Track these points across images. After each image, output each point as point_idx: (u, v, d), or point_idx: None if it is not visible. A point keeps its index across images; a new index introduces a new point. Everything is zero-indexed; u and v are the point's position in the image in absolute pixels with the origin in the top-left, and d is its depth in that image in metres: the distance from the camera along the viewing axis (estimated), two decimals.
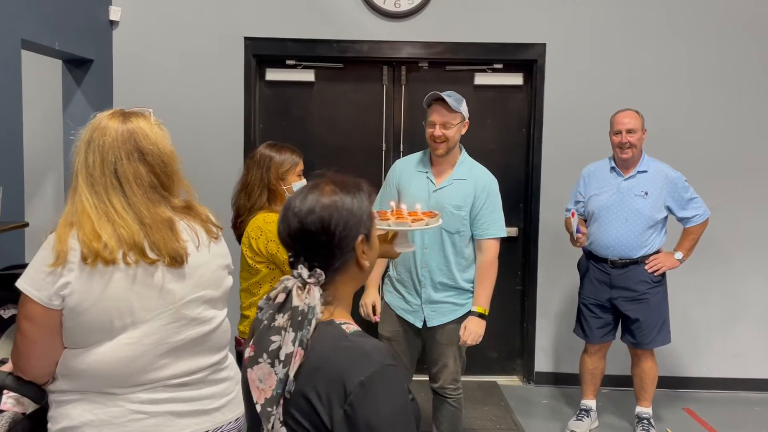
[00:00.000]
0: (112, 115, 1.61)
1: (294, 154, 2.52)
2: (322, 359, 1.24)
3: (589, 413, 3.89)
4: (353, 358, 1.23)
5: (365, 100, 4.58)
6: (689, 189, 3.60)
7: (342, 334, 1.28)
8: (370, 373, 1.20)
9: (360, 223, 1.34)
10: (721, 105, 4.39)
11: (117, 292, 1.51)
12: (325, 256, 1.32)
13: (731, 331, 4.50)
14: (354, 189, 1.37)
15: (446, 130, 2.92)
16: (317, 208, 1.31)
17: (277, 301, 1.29)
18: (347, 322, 1.32)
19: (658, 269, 3.59)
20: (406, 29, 4.39)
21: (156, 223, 1.55)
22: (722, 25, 4.35)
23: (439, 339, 3.01)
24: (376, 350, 1.26)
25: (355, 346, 1.26)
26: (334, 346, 1.25)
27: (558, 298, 4.50)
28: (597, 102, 4.33)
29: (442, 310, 2.99)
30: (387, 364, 1.23)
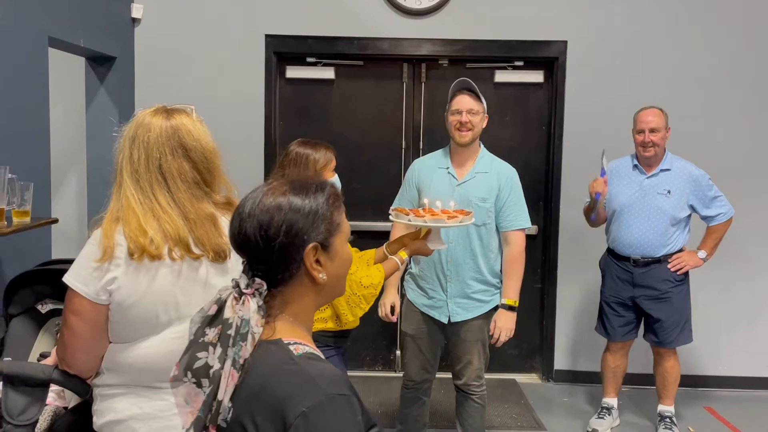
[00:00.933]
0: (156, 112, 1.62)
1: (328, 150, 2.53)
2: (262, 384, 1.08)
3: (611, 411, 3.89)
4: (296, 385, 1.06)
5: (385, 98, 4.58)
6: (713, 187, 3.58)
7: (287, 356, 1.11)
8: (313, 403, 1.04)
9: (311, 228, 1.17)
10: (744, 103, 4.37)
11: (163, 287, 1.52)
12: (266, 265, 1.16)
13: (753, 330, 4.48)
14: (311, 190, 1.20)
15: (473, 117, 2.93)
16: (257, 211, 1.16)
17: (209, 313, 1.14)
18: (299, 342, 1.15)
19: (681, 268, 3.58)
20: (426, 26, 4.39)
21: (200, 219, 1.56)
22: (747, 23, 4.32)
23: (463, 336, 3.01)
24: (324, 377, 1.08)
25: (301, 370, 1.08)
26: (277, 370, 1.09)
27: (577, 296, 4.49)
28: (618, 100, 4.32)
29: (467, 306, 3.00)
30: (336, 393, 1.06)
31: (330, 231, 1.20)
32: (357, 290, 2.34)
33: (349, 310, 2.35)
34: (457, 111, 2.96)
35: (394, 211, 2.49)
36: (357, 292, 2.34)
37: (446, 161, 3.06)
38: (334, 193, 1.23)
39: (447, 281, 2.99)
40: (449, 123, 3.01)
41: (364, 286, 2.34)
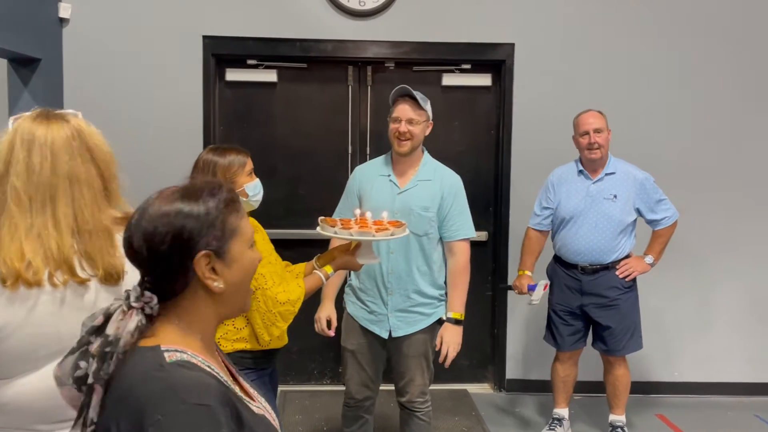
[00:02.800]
0: (46, 116, 1.45)
1: (240, 154, 2.36)
2: (129, 389, 1.05)
3: (562, 422, 3.79)
4: (157, 392, 1.03)
5: (330, 101, 4.43)
6: (658, 190, 3.52)
7: (158, 363, 1.07)
8: (168, 410, 1.01)
9: (201, 235, 1.11)
10: (691, 106, 4.34)
11: (43, 318, 1.35)
12: (155, 276, 1.12)
13: (702, 336, 4.45)
14: (202, 195, 1.14)
15: (412, 127, 2.81)
16: (143, 219, 1.11)
17: (95, 323, 1.11)
18: (178, 350, 1.11)
19: (630, 274, 3.51)
20: (372, 28, 4.26)
21: (96, 232, 1.40)
22: (691, 27, 4.30)
23: (405, 351, 2.88)
24: (187, 385, 1.05)
25: (165, 377, 1.05)
26: (144, 376, 1.06)
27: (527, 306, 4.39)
28: (567, 103, 4.23)
29: (408, 320, 2.86)
30: (195, 403, 1.02)
31: (224, 237, 1.14)
32: (272, 307, 2.17)
33: (264, 328, 2.19)
34: (396, 119, 2.84)
35: (321, 221, 2.33)
36: (272, 309, 2.17)
37: (388, 169, 2.93)
38: (229, 197, 1.16)
39: (388, 294, 2.85)
40: (390, 130, 2.89)
41: (280, 303, 2.17)
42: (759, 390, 4.44)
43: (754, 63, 4.32)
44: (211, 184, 1.17)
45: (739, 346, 4.46)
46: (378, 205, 2.72)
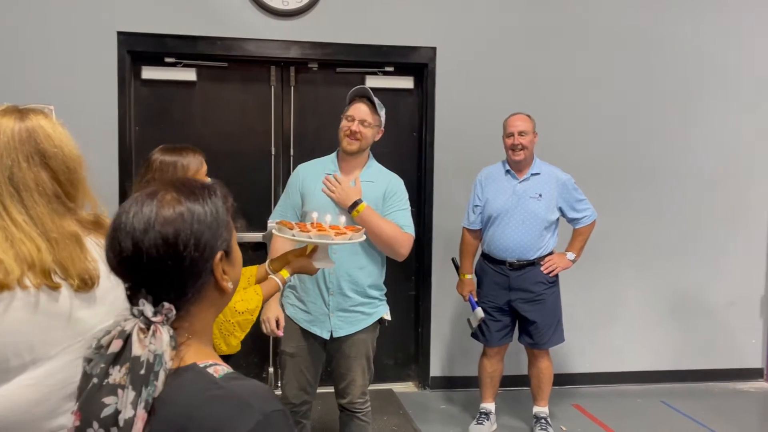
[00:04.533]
0: (5, 112, 1.35)
1: (197, 154, 2.29)
2: (187, 416, 0.97)
3: (489, 416, 3.90)
4: (230, 411, 0.98)
5: (252, 102, 4.35)
6: (578, 190, 3.70)
7: (211, 381, 1.01)
8: (252, 426, 0.96)
9: (217, 236, 1.06)
10: (603, 111, 4.58)
11: (14, 324, 1.25)
12: (173, 285, 1.03)
13: (612, 327, 4.70)
14: (204, 194, 1.08)
15: (363, 128, 2.83)
16: (157, 224, 1.01)
17: (112, 350, 0.98)
18: (215, 363, 1.05)
19: (553, 270, 3.67)
20: (295, 29, 4.22)
21: (63, 239, 1.30)
22: (601, 34, 4.54)
23: (347, 351, 2.87)
24: (256, 396, 1.01)
25: (231, 394, 0.99)
26: (203, 398, 0.99)
27: (452, 303, 4.49)
28: (488, 106, 4.37)
29: (350, 320, 2.86)
30: (271, 410, 1.00)
31: (230, 236, 1.11)
32: (231, 317, 2.11)
33: (222, 338, 2.12)
34: (350, 117, 2.85)
35: (278, 223, 2.29)
36: (231, 319, 2.11)
37: (334, 167, 2.93)
38: (226, 194, 1.13)
39: (329, 294, 2.83)
40: (341, 127, 2.88)
41: (239, 312, 2.11)
42: (664, 377, 4.74)
43: (657, 69, 4.61)
44: (202, 183, 1.11)
45: (645, 337, 4.75)
46: (322, 203, 2.71)
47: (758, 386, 4.80)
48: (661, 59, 4.61)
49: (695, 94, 4.67)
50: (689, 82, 4.65)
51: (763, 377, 4.86)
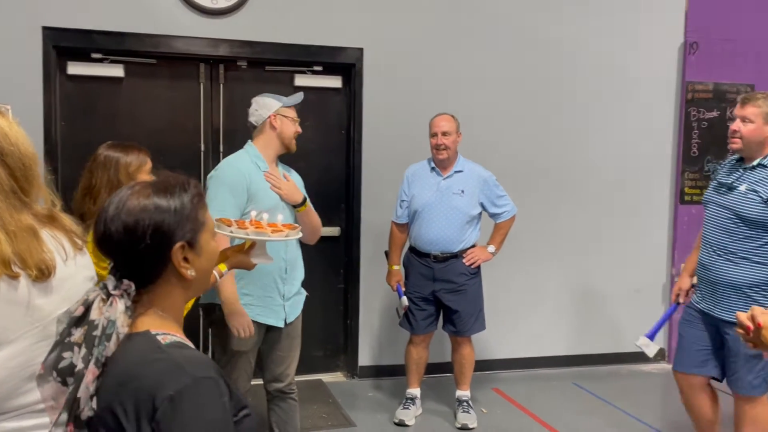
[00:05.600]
0: None
1: (141, 152, 2.38)
2: (130, 373, 1.14)
3: (415, 401, 4.10)
4: (163, 371, 1.12)
5: (181, 99, 4.39)
6: (499, 187, 3.94)
7: (155, 346, 1.17)
8: (180, 387, 1.10)
9: (177, 227, 1.21)
10: (517, 111, 4.84)
11: None
12: (134, 266, 1.21)
13: (530, 315, 4.99)
14: (174, 189, 1.24)
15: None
16: (122, 213, 1.20)
17: (75, 314, 1.17)
18: (167, 333, 1.21)
19: (475, 262, 3.89)
20: (224, 27, 4.28)
21: (20, 231, 1.38)
22: (516, 38, 4.79)
23: (292, 333, 3.06)
24: (191, 362, 1.15)
25: (168, 357, 1.15)
26: (144, 359, 1.15)
27: (380, 295, 4.66)
28: (414, 105, 4.56)
29: (296, 304, 3.08)
30: (202, 376, 1.13)
31: (196, 229, 1.25)
32: None
33: None
34: (295, 120, 3.12)
35: (217, 221, 2.39)
36: None
37: (264, 164, 3.04)
38: (198, 192, 1.27)
39: (284, 284, 2.99)
40: (293, 133, 3.09)
41: None
42: (576, 361, 5.07)
43: (564, 71, 4.90)
44: (180, 179, 1.27)
45: (559, 324, 5.06)
46: (274, 202, 2.87)
47: (660, 368, 5.19)
48: (566, 61, 4.89)
49: (596, 95, 4.97)
50: (590, 82, 4.94)
51: (665, 358, 5.26)
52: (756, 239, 2.94)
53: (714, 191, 3.16)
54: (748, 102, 2.99)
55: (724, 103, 5.15)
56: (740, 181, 3.02)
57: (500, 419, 4.15)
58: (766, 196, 2.89)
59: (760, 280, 2.94)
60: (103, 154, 2.34)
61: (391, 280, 4.03)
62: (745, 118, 2.98)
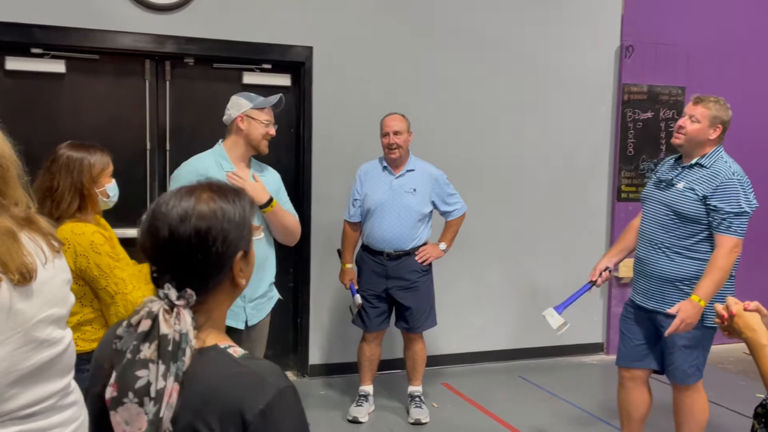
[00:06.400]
0: None
1: (104, 153, 2.32)
2: (213, 390, 1.13)
3: (368, 398, 4.14)
4: (249, 386, 1.13)
5: (126, 96, 4.29)
6: (450, 185, 4.02)
7: (231, 360, 1.17)
8: (269, 399, 1.12)
9: (241, 236, 1.21)
10: (467, 112, 4.93)
11: None
12: (197, 274, 1.17)
13: (476, 311, 5.10)
14: (234, 197, 1.23)
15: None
16: (193, 217, 1.16)
17: (141, 329, 1.11)
18: (232, 345, 1.21)
19: (427, 259, 3.96)
20: (171, 23, 4.21)
21: (0, 235, 1.35)
22: (466, 39, 4.88)
23: (254, 336, 3.05)
24: (270, 373, 1.17)
25: (249, 371, 1.15)
26: (225, 374, 1.14)
27: (331, 293, 4.68)
28: (363, 104, 4.59)
29: (260, 306, 3.05)
30: (284, 386, 1.16)
31: (251, 238, 1.25)
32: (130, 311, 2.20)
33: None
34: (267, 122, 3.08)
35: None
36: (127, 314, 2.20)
37: (226, 163, 3.03)
38: (252, 200, 1.26)
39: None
40: (262, 134, 3.07)
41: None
42: (521, 354, 5.22)
43: (511, 74, 5.04)
44: (237, 188, 1.25)
45: (505, 319, 5.19)
46: None
47: (599, 359, 5.40)
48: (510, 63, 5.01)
49: (539, 96, 5.11)
50: (533, 84, 5.08)
51: (604, 350, 5.47)
52: (690, 235, 3.09)
53: (653, 187, 3.30)
54: (700, 102, 3.13)
55: (657, 105, 5.39)
56: (679, 178, 3.17)
57: (451, 413, 4.23)
58: (702, 194, 3.04)
59: (692, 274, 3.09)
60: (66, 155, 2.27)
61: (344, 279, 4.05)
62: (693, 117, 3.12)
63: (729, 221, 2.98)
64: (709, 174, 3.06)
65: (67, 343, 1.50)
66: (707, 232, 3.06)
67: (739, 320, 1.59)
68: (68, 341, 1.51)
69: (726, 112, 3.11)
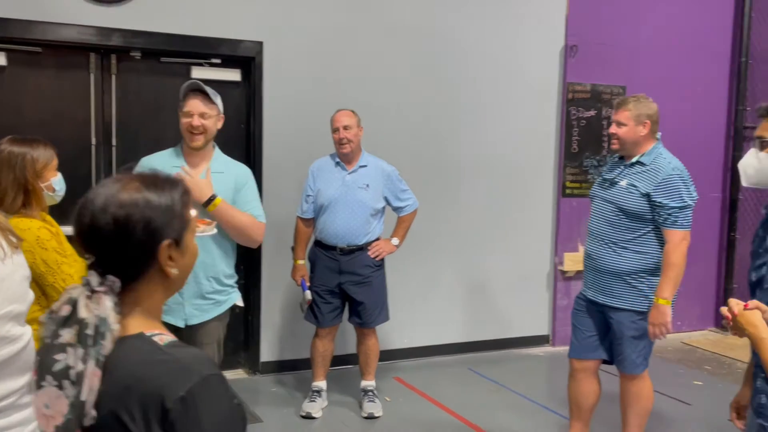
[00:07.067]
0: None
1: (48, 147, 2.26)
2: (134, 376, 1.12)
3: (321, 393, 4.14)
4: (171, 373, 1.12)
5: (69, 90, 4.18)
6: (402, 181, 4.06)
7: (156, 347, 1.16)
8: (190, 387, 1.11)
9: (166, 225, 1.20)
10: (416, 108, 4.97)
11: None
12: (121, 262, 1.17)
13: (426, 306, 5.16)
14: (164, 185, 1.23)
15: (205, 121, 2.90)
16: (112, 206, 1.16)
17: (61, 314, 1.12)
18: (160, 333, 1.20)
19: (379, 254, 3.99)
20: (117, 16, 4.12)
21: None
22: (411, 40, 4.93)
23: (200, 338, 2.95)
24: (196, 361, 1.16)
25: (173, 358, 1.15)
26: (147, 361, 1.14)
27: (282, 290, 4.66)
28: (315, 100, 4.59)
29: (204, 308, 2.95)
30: (209, 374, 1.14)
31: (183, 227, 1.23)
32: None
33: None
34: (188, 113, 2.90)
35: None
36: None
37: (180, 160, 2.97)
38: (186, 189, 1.25)
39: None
40: (181, 125, 2.94)
41: None
42: (471, 348, 5.31)
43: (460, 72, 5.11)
44: (166, 176, 1.25)
45: (455, 313, 5.27)
46: None
47: (546, 350, 5.54)
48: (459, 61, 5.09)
49: (487, 94, 5.19)
50: (482, 82, 5.16)
51: (549, 342, 5.62)
52: (635, 230, 3.22)
53: (599, 186, 3.44)
54: (621, 107, 3.28)
55: (600, 103, 5.56)
56: (621, 176, 3.29)
57: (403, 407, 4.28)
58: (644, 191, 3.17)
59: (638, 268, 3.21)
60: (7, 150, 2.20)
61: (296, 275, 4.05)
62: (619, 122, 3.26)
63: (674, 216, 3.11)
64: (650, 171, 3.18)
65: (27, 341, 1.48)
66: (651, 227, 3.19)
67: (741, 319, 1.71)
68: (28, 338, 1.48)
69: (649, 107, 3.25)
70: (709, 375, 5.03)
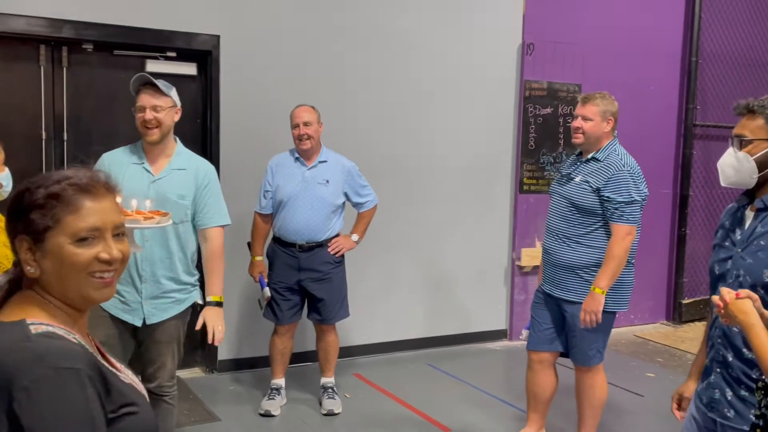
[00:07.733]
0: None
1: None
2: None
3: (280, 391, 4.11)
4: (23, 361, 1.09)
5: (18, 82, 4.06)
6: (362, 177, 4.05)
7: (24, 335, 1.13)
8: (37, 377, 1.07)
9: (18, 219, 1.21)
10: (375, 104, 4.97)
11: None
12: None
13: (386, 302, 5.16)
14: (37, 181, 1.22)
15: (157, 114, 2.83)
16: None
17: None
18: (42, 323, 1.17)
19: (339, 251, 3.98)
20: (69, 6, 4.01)
21: None
22: (369, 35, 4.92)
23: (159, 337, 2.89)
24: (55, 352, 1.11)
25: (32, 347, 1.11)
26: (10, 347, 1.11)
27: (239, 287, 4.60)
28: (273, 95, 4.54)
29: (162, 306, 2.89)
30: (63, 367, 1.09)
31: (38, 227, 1.19)
32: None
33: None
34: (141, 108, 2.84)
35: None
36: None
37: (140, 157, 2.90)
38: (51, 193, 1.19)
39: (141, 281, 2.83)
40: (136, 120, 2.87)
41: None
42: (430, 343, 5.33)
43: (418, 69, 5.12)
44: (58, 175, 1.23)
45: (414, 309, 5.29)
46: (132, 192, 2.68)
47: (503, 344, 5.60)
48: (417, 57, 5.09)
49: (445, 91, 5.21)
50: (439, 79, 5.17)
51: (507, 337, 5.68)
52: (587, 225, 3.29)
53: (556, 182, 3.51)
54: (588, 101, 3.33)
55: (556, 101, 5.63)
56: (576, 172, 3.36)
57: (363, 403, 4.27)
58: (595, 186, 3.24)
59: (589, 262, 3.29)
60: None
61: (254, 272, 4.01)
62: (585, 117, 3.31)
63: (621, 210, 3.18)
64: (603, 167, 3.26)
65: None
66: (602, 222, 3.26)
67: (732, 307, 1.77)
68: None
69: (613, 104, 3.34)
70: (661, 367, 5.16)
